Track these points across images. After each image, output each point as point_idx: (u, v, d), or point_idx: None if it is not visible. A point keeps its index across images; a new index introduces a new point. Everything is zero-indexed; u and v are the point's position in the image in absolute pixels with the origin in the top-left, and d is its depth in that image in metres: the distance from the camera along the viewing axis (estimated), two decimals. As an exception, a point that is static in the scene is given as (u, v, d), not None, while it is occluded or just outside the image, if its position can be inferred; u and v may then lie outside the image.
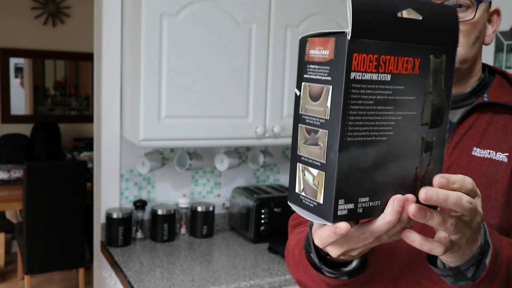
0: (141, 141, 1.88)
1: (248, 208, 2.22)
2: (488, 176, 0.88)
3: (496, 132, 0.91)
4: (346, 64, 0.54)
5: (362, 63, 0.55)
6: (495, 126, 0.91)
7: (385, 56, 0.56)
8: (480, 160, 0.90)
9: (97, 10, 2.20)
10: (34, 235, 3.07)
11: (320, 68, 0.56)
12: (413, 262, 0.90)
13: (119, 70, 2.15)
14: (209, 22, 1.92)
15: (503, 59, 2.18)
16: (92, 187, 2.78)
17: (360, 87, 0.55)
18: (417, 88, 0.59)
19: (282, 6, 2.06)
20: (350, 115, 0.55)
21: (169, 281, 1.78)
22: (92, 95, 4.92)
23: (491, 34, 0.95)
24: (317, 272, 0.83)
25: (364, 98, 0.56)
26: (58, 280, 3.97)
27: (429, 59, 0.59)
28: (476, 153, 0.90)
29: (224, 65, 1.97)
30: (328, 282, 0.84)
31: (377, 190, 0.59)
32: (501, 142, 0.90)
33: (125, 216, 2.11)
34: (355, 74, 0.55)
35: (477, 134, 0.91)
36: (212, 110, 1.97)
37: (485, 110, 0.93)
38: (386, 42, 0.56)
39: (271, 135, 2.10)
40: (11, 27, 4.53)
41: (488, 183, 0.88)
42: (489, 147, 0.90)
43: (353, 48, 0.54)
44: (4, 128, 4.57)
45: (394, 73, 0.57)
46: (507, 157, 0.88)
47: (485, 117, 0.92)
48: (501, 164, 0.88)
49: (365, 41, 0.55)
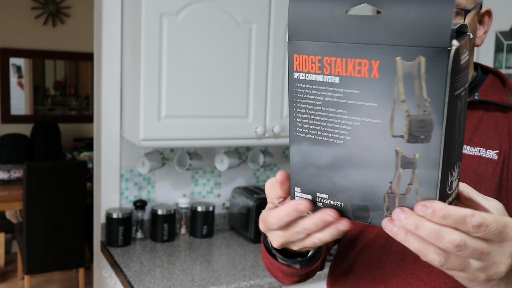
0: (141, 141, 1.88)
1: (248, 208, 2.22)
2: (478, 174, 0.88)
3: (487, 130, 0.91)
4: (288, 65, 0.57)
5: (304, 64, 0.56)
6: (486, 123, 0.92)
7: (329, 57, 0.54)
8: (470, 158, 0.89)
9: (97, 10, 2.20)
10: (34, 235, 3.07)
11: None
12: (404, 262, 0.90)
13: (119, 70, 2.15)
14: (209, 22, 1.92)
15: (503, 59, 2.18)
16: (92, 187, 2.78)
17: (305, 86, 0.57)
18: (378, 94, 0.53)
19: (282, 6, 2.06)
20: (298, 112, 0.58)
21: (169, 281, 1.78)
22: (92, 95, 4.92)
23: (482, 35, 0.95)
24: (272, 257, 0.83)
25: (311, 98, 0.57)
26: (58, 280, 3.97)
27: (395, 61, 0.51)
28: (466, 151, 0.90)
29: (224, 65, 1.97)
30: (282, 269, 0.84)
31: (338, 191, 0.59)
32: (492, 139, 0.90)
33: (125, 216, 2.11)
34: (298, 74, 0.57)
35: (467, 132, 0.91)
36: (212, 110, 1.97)
37: (476, 108, 0.93)
38: (329, 43, 0.54)
39: (271, 135, 2.10)
40: (11, 27, 4.53)
41: (478, 181, 0.87)
42: (479, 144, 0.90)
43: (292, 49, 0.56)
44: (4, 128, 4.57)
45: (343, 76, 0.54)
46: (497, 154, 0.88)
47: (476, 114, 0.93)
48: (491, 162, 0.88)
49: (303, 42, 0.55)
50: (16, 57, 4.60)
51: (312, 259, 0.83)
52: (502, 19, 2.16)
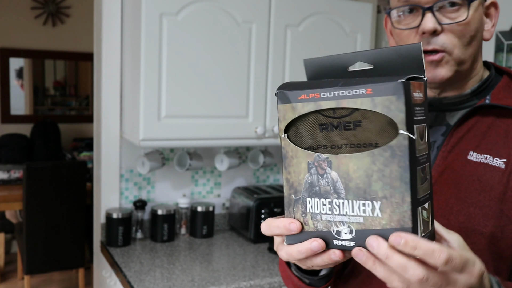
0: (141, 141, 1.88)
1: (248, 208, 2.22)
2: (482, 182, 0.83)
3: (496, 137, 0.85)
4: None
5: None
6: (495, 130, 0.86)
7: None
8: (475, 165, 0.84)
9: (97, 10, 2.20)
10: (34, 235, 3.07)
11: (420, 109, 0.61)
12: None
13: (119, 70, 2.15)
14: (209, 22, 1.92)
15: (503, 59, 2.18)
16: (92, 187, 2.78)
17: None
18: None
19: (282, 6, 2.06)
20: None
21: (169, 281, 1.78)
22: (92, 95, 4.92)
23: (491, 28, 0.90)
24: (287, 266, 0.85)
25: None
26: (58, 280, 3.97)
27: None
28: (472, 158, 0.85)
29: (224, 65, 1.97)
30: (293, 280, 0.86)
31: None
32: (500, 147, 0.84)
33: (125, 216, 2.11)
34: None
35: (475, 138, 0.86)
36: (212, 110, 1.97)
37: (487, 113, 0.87)
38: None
39: (271, 135, 2.10)
40: (11, 27, 4.53)
41: (482, 189, 0.83)
42: (486, 151, 0.84)
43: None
44: (4, 128, 4.57)
45: None
46: (505, 163, 0.83)
47: (486, 120, 0.87)
48: (497, 170, 0.83)
49: None
50: (16, 57, 4.60)
51: (322, 280, 0.84)
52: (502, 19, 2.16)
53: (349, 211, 0.61)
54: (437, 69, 0.85)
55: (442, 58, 0.84)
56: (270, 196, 2.24)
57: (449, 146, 0.88)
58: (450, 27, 0.84)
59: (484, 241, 0.82)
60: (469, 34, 0.85)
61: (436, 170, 0.87)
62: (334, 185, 0.61)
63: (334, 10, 2.17)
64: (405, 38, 0.87)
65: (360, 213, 0.60)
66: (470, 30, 0.85)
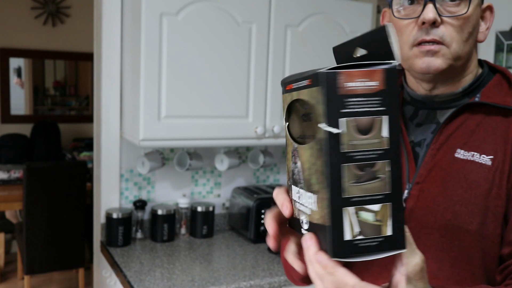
0: (141, 141, 1.88)
1: (248, 208, 2.22)
2: (469, 180, 0.84)
3: (485, 134, 0.86)
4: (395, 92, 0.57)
5: None
6: (484, 127, 0.86)
7: None
8: (462, 162, 0.85)
9: (97, 10, 2.20)
10: (34, 235, 3.07)
11: (366, 100, 0.55)
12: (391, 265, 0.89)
13: (119, 70, 2.15)
14: (209, 22, 1.92)
15: (503, 59, 2.18)
16: (92, 187, 2.77)
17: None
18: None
19: (282, 6, 2.06)
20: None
21: (169, 281, 1.78)
22: (92, 95, 4.92)
23: (485, 31, 0.92)
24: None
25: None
26: (58, 280, 3.97)
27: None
28: (459, 155, 0.86)
29: (224, 65, 1.97)
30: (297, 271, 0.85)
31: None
32: (488, 144, 0.85)
33: (125, 216, 2.11)
34: None
35: (464, 136, 0.87)
36: (212, 110, 1.97)
37: (477, 111, 0.88)
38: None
39: (271, 135, 2.10)
40: (11, 27, 4.53)
41: (468, 187, 0.84)
42: (474, 149, 0.85)
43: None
44: (4, 128, 4.57)
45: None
46: (492, 160, 0.83)
47: (476, 118, 0.88)
48: (483, 167, 0.83)
49: None
50: (16, 57, 4.60)
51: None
52: (502, 19, 2.16)
53: (304, 202, 0.60)
54: (433, 59, 0.85)
55: (440, 50, 0.85)
56: (270, 196, 2.24)
57: (437, 143, 0.89)
58: (450, 20, 0.85)
59: (470, 238, 0.83)
60: (467, 29, 0.86)
61: (424, 167, 0.88)
62: (299, 175, 0.61)
63: (334, 10, 2.17)
64: (404, 28, 0.88)
65: (309, 205, 0.59)
66: (468, 26, 0.86)
